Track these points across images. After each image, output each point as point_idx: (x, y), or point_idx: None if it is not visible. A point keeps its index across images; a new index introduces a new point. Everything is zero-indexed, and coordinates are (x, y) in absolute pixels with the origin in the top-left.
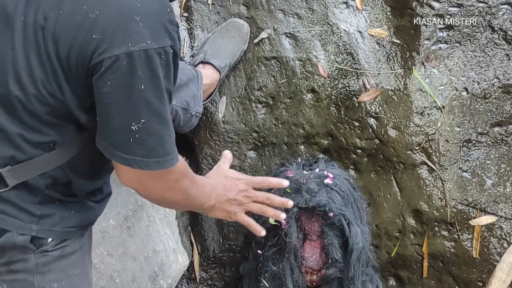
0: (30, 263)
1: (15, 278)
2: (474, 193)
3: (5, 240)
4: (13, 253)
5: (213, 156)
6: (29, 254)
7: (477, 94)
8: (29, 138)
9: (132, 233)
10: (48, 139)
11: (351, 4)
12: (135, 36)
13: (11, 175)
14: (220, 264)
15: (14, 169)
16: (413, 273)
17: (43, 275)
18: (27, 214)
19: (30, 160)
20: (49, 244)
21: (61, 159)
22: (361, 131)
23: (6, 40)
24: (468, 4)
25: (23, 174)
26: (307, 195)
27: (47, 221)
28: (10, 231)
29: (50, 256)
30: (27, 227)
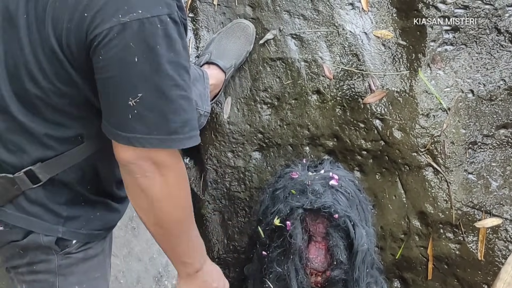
0: (53, 264)
1: (36, 278)
2: (479, 195)
3: (30, 240)
4: (36, 253)
5: (218, 157)
6: (52, 255)
7: (483, 96)
8: (56, 135)
9: (137, 233)
10: (74, 133)
11: (357, 6)
12: (125, 6)
13: (43, 171)
14: (225, 265)
15: (44, 165)
16: (417, 275)
17: (65, 277)
18: (53, 215)
19: (59, 155)
20: (73, 246)
21: (89, 150)
22: (366, 133)
23: (14, 41)
24: (474, 6)
25: (55, 168)
26: (312, 197)
27: (73, 223)
28: (36, 232)
29: (73, 258)
30: (53, 228)
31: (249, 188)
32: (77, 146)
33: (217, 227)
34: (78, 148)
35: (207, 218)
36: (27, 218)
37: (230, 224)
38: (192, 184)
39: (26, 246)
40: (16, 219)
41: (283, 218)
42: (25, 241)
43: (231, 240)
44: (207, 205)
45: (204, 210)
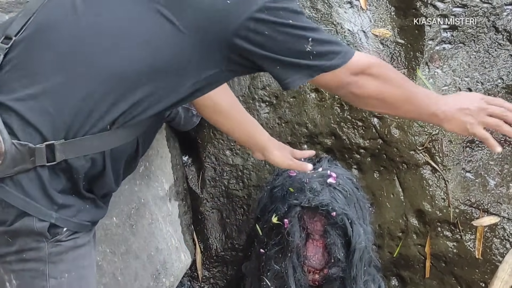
0: (43, 252)
1: (26, 267)
2: (477, 194)
3: (22, 225)
4: (26, 241)
5: (216, 154)
6: (43, 242)
7: None
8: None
9: (135, 231)
10: (110, 118)
11: (355, 4)
12: None
13: (63, 149)
14: (223, 263)
15: (67, 143)
16: (415, 273)
17: (55, 264)
18: (49, 201)
19: (83, 137)
20: (64, 234)
21: (112, 143)
22: (364, 131)
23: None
24: (472, 4)
25: (74, 150)
26: (310, 194)
27: (66, 211)
28: (29, 215)
29: (63, 246)
30: (47, 213)
31: (247, 186)
32: (102, 132)
33: (215, 225)
34: (103, 135)
35: (205, 216)
36: (24, 199)
37: (228, 222)
38: (190, 182)
39: (18, 230)
40: (13, 198)
41: (281, 216)
42: (16, 226)
43: (229, 238)
44: (205, 203)
45: (202, 208)
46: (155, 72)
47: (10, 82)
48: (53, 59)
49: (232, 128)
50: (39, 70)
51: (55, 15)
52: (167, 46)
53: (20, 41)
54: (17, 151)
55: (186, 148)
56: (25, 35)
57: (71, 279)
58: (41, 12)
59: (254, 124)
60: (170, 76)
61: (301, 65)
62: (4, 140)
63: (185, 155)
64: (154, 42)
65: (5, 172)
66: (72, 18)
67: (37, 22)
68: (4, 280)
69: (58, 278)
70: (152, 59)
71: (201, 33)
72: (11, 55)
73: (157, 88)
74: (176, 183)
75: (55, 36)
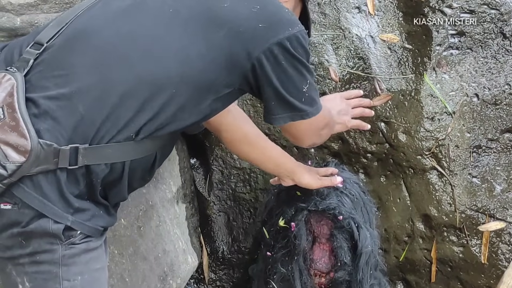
0: (57, 254)
1: (39, 269)
2: (483, 199)
3: (38, 226)
4: (40, 243)
5: (223, 158)
6: (57, 245)
7: (487, 100)
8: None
9: (143, 233)
10: (136, 126)
11: (363, 9)
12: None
13: (86, 154)
14: (229, 266)
15: (91, 149)
16: (421, 277)
17: (68, 267)
18: (65, 204)
19: (107, 144)
20: (77, 236)
21: (134, 154)
22: (371, 136)
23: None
24: (480, 10)
25: (96, 157)
26: (317, 198)
27: (81, 215)
28: (45, 217)
29: (77, 248)
30: (64, 216)
31: (254, 190)
32: (127, 142)
33: (222, 228)
34: (126, 144)
35: (212, 219)
36: (41, 200)
37: (235, 225)
38: (197, 185)
39: (32, 232)
40: (31, 198)
41: (288, 219)
42: (31, 227)
43: (236, 241)
44: (212, 205)
45: (209, 211)
46: (183, 82)
47: (42, 80)
48: (88, 62)
49: (261, 157)
50: (74, 71)
51: (93, 23)
52: (199, 60)
53: (51, 46)
54: (42, 151)
55: (193, 151)
56: (58, 40)
57: (84, 281)
58: (77, 21)
59: (280, 151)
60: (196, 90)
61: (293, 106)
62: (31, 138)
63: (192, 158)
64: (187, 55)
65: (27, 171)
66: (110, 26)
67: (72, 28)
68: (17, 282)
69: (71, 280)
70: (183, 70)
71: (231, 51)
72: (43, 57)
73: (182, 99)
74: (183, 186)
75: (92, 42)
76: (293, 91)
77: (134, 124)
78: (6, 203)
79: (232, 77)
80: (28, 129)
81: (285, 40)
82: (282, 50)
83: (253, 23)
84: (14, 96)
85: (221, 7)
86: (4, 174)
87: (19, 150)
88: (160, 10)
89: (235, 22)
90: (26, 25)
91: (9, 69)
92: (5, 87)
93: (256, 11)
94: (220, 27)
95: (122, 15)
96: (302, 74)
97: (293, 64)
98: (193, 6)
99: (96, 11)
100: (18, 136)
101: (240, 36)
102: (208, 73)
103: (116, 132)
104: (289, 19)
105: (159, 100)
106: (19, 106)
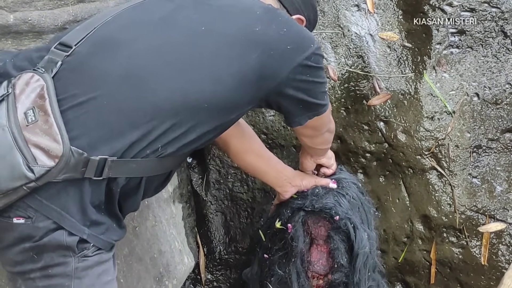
0: (70, 267)
1: (51, 283)
2: (483, 200)
3: (51, 239)
4: (52, 256)
5: (220, 157)
6: (70, 257)
7: (488, 99)
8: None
9: (138, 233)
10: (158, 143)
11: (362, 7)
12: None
13: (112, 166)
14: (226, 266)
15: (118, 162)
16: (420, 279)
17: (81, 280)
18: (83, 216)
19: (133, 159)
20: (90, 249)
21: (155, 170)
22: (370, 135)
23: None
24: (481, 9)
25: (121, 171)
26: (313, 197)
27: (96, 228)
28: (60, 229)
29: (89, 260)
30: (81, 229)
31: (251, 189)
32: (148, 158)
33: (220, 228)
34: (149, 160)
35: (209, 219)
36: (60, 212)
37: (232, 225)
38: (194, 185)
39: (44, 247)
40: (49, 210)
41: (284, 221)
42: (45, 240)
43: (233, 241)
44: (209, 205)
45: (206, 211)
46: (214, 102)
47: (70, 86)
48: (119, 72)
49: (265, 167)
50: (104, 80)
51: (123, 33)
52: (231, 79)
53: (79, 50)
54: (72, 158)
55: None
56: (86, 45)
57: None
58: (105, 28)
59: (279, 160)
60: (224, 108)
61: (317, 105)
62: (64, 143)
63: (189, 157)
64: (220, 75)
65: (54, 176)
66: (142, 39)
67: (101, 35)
68: None
69: None
70: (216, 89)
71: (261, 72)
72: (70, 60)
73: (211, 118)
74: (180, 185)
75: (123, 52)
76: (318, 95)
77: (162, 142)
78: (19, 217)
79: (257, 95)
80: (62, 135)
81: (310, 56)
82: (307, 67)
83: (283, 46)
84: (46, 98)
85: (254, 30)
86: (31, 177)
87: (50, 154)
88: (191, 27)
89: (267, 45)
90: (19, 22)
91: (37, 70)
92: (34, 87)
93: (283, 34)
94: (253, 50)
95: (154, 29)
96: (323, 78)
97: (317, 75)
98: (226, 28)
99: (126, 21)
100: (50, 140)
101: (270, 58)
102: (237, 92)
103: (143, 148)
104: (309, 36)
105: (189, 120)
106: (52, 110)
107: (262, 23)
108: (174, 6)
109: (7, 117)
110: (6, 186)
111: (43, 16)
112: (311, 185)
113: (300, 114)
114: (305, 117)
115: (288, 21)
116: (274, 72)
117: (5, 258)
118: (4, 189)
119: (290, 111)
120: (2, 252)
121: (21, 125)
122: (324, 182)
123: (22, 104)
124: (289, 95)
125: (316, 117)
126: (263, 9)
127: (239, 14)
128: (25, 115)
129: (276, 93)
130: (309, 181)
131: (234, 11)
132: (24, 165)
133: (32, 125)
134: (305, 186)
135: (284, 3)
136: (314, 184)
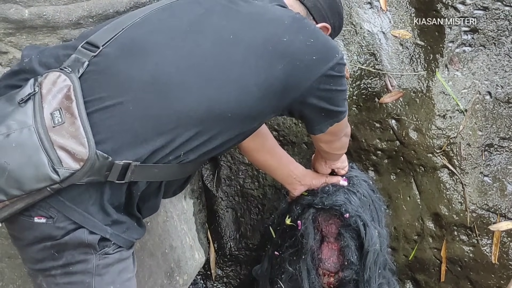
0: (91, 264)
1: (72, 280)
2: (494, 198)
3: (73, 237)
4: (73, 254)
5: (231, 153)
6: (91, 255)
7: (500, 98)
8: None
9: (150, 228)
10: (181, 150)
11: (375, 5)
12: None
13: (134, 171)
14: (236, 262)
15: (141, 167)
16: (430, 277)
17: (102, 277)
18: (104, 216)
19: (155, 164)
20: (111, 246)
21: (175, 175)
22: (382, 133)
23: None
24: (494, 7)
25: (143, 175)
26: (323, 194)
27: (118, 227)
28: (82, 227)
29: (110, 258)
30: (103, 228)
31: (262, 186)
32: (169, 164)
33: (230, 224)
34: (171, 166)
35: (220, 215)
36: (81, 213)
37: (243, 221)
38: (205, 181)
39: (65, 245)
40: (71, 211)
41: (294, 217)
42: (66, 238)
43: (244, 237)
44: (220, 201)
45: (217, 207)
46: (239, 111)
47: (97, 89)
48: (147, 79)
49: (277, 164)
50: (131, 85)
51: (152, 38)
52: (257, 89)
53: (106, 52)
54: (97, 161)
55: None
56: (113, 47)
57: None
58: (134, 31)
59: (291, 159)
60: (248, 117)
61: (338, 112)
62: (90, 147)
63: None
64: (246, 84)
65: (78, 179)
66: (171, 45)
67: (130, 38)
68: None
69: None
70: (241, 98)
71: (287, 82)
72: (97, 61)
73: (234, 126)
74: (191, 181)
75: (152, 58)
76: (339, 102)
77: (185, 149)
78: (40, 217)
79: (280, 105)
80: (88, 138)
81: (334, 67)
82: (331, 76)
83: (309, 57)
84: (73, 100)
85: (281, 41)
86: (55, 179)
87: (75, 157)
88: (220, 35)
89: (294, 56)
90: (34, 17)
91: (64, 69)
92: (61, 88)
93: (310, 44)
94: (280, 60)
95: (182, 35)
96: (345, 86)
97: (339, 83)
98: (254, 37)
99: (155, 24)
100: (76, 143)
101: (296, 68)
102: (262, 102)
103: (166, 154)
104: (334, 46)
105: (213, 128)
106: (79, 113)
107: (290, 33)
108: (203, 11)
109: (34, 117)
110: (30, 186)
111: (57, 11)
112: (321, 184)
113: (321, 122)
114: (326, 124)
115: (315, 31)
116: (299, 82)
117: (26, 256)
118: (28, 190)
119: (312, 119)
120: (23, 250)
121: (48, 126)
122: (335, 180)
123: (49, 104)
124: (311, 104)
125: (336, 123)
126: (291, 19)
127: (268, 23)
128: (51, 116)
129: (299, 102)
130: (319, 180)
131: (263, 20)
132: (49, 167)
133: (59, 126)
134: (315, 185)
135: (312, 11)
136: (325, 182)
